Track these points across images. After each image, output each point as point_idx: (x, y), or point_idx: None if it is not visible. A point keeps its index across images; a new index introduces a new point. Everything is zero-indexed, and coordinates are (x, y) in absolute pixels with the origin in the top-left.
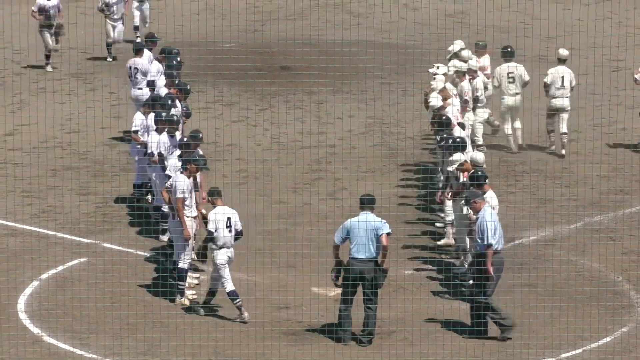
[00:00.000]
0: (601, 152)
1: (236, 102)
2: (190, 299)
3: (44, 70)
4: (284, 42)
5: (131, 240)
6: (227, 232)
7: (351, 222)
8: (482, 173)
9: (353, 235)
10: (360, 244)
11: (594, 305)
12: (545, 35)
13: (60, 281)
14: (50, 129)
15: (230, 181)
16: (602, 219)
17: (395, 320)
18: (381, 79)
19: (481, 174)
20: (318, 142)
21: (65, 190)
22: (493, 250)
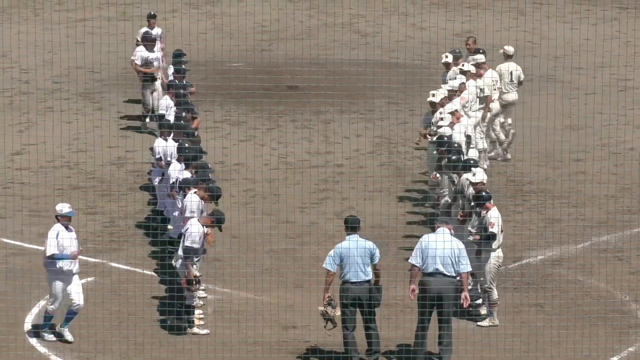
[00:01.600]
0: (609, 172)
1: (243, 122)
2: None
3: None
4: (291, 62)
5: (138, 260)
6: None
7: (342, 248)
8: (486, 193)
9: (346, 260)
10: (353, 268)
11: (602, 325)
12: (553, 55)
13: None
14: (57, 149)
15: (238, 200)
16: (610, 238)
17: (402, 340)
18: (389, 99)
19: (485, 194)
20: (325, 161)
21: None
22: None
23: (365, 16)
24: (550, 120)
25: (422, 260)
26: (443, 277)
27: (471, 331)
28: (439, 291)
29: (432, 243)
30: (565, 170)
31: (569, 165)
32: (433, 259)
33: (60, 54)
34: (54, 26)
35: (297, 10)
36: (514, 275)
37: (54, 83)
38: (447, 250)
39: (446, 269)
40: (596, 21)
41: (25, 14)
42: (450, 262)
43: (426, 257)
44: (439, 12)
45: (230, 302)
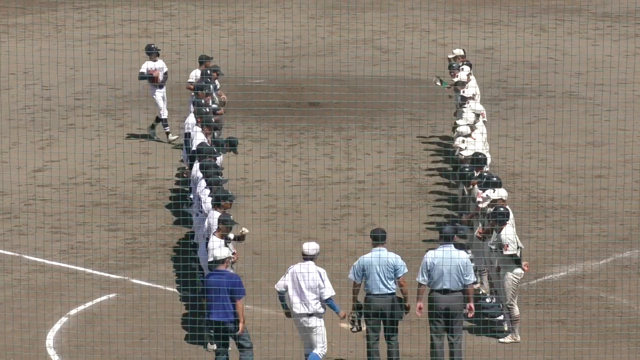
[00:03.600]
0: (631, 189)
1: (265, 138)
2: None
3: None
4: (313, 78)
5: (160, 276)
6: None
7: (365, 259)
8: (504, 209)
9: (369, 272)
10: (376, 280)
11: (624, 342)
12: (575, 71)
13: (89, 317)
14: (79, 165)
15: (260, 217)
16: (632, 254)
17: (424, 357)
18: (410, 115)
19: (504, 210)
20: (347, 178)
21: (94, 226)
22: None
23: (387, 32)
24: (572, 137)
25: (428, 278)
26: (451, 294)
27: (493, 348)
28: (447, 308)
29: (438, 260)
30: (587, 186)
31: (591, 182)
32: (440, 276)
33: (82, 71)
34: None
35: (318, 27)
36: (536, 291)
37: (75, 100)
38: (454, 267)
39: (453, 285)
40: (618, 37)
41: (47, 30)
42: (457, 278)
43: (433, 274)
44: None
45: (252, 319)
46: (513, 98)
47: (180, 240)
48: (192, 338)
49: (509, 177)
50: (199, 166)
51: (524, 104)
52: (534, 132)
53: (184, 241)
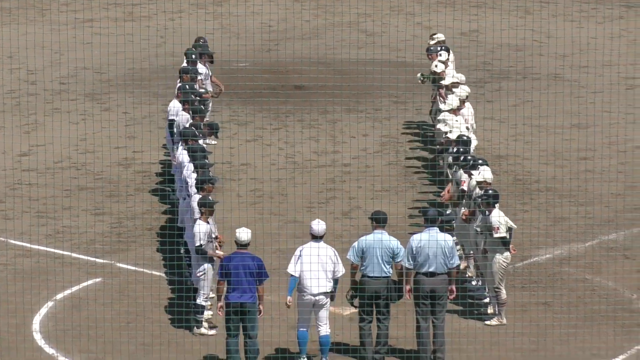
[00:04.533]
0: (616, 170)
1: (250, 122)
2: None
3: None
4: (298, 61)
5: (146, 260)
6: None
7: (366, 242)
8: (493, 191)
9: (367, 254)
10: (374, 263)
11: (609, 324)
12: (559, 54)
13: (75, 301)
14: (64, 149)
15: (245, 201)
16: (617, 236)
17: (410, 339)
18: (395, 98)
19: (492, 193)
20: (332, 161)
21: (79, 211)
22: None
23: (372, 15)
24: (557, 119)
25: (413, 261)
26: (437, 277)
27: (479, 330)
28: (432, 290)
29: (424, 243)
30: (572, 168)
31: (576, 164)
32: (425, 259)
33: (67, 55)
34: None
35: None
36: (521, 274)
37: (60, 84)
38: (439, 250)
39: (438, 268)
40: (603, 19)
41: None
42: (442, 261)
43: (418, 257)
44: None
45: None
46: (498, 80)
47: (166, 224)
48: (179, 322)
49: (494, 159)
50: (186, 150)
51: (508, 86)
52: (519, 115)
53: (170, 225)
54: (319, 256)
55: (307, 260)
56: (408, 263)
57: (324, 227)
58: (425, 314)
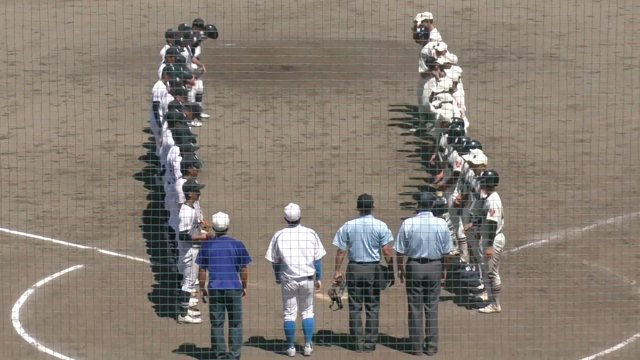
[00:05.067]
0: (614, 153)
1: (237, 103)
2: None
3: None
4: (286, 41)
5: (129, 246)
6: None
7: (349, 226)
8: (493, 173)
9: (353, 239)
10: (360, 248)
11: (608, 311)
12: (555, 33)
13: (56, 289)
14: (45, 132)
15: (232, 184)
16: (615, 221)
17: (402, 327)
18: (386, 79)
19: (492, 175)
20: (322, 143)
21: (60, 195)
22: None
23: None
24: (552, 100)
25: (406, 247)
26: (430, 262)
27: (473, 318)
28: (425, 277)
29: (416, 228)
30: (568, 151)
31: (572, 146)
32: (418, 245)
33: (47, 35)
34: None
35: None
36: (516, 259)
37: (41, 65)
38: (432, 235)
39: (432, 254)
40: None
41: None
42: (436, 246)
43: (411, 243)
44: None
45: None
46: (492, 60)
47: (150, 209)
48: (162, 309)
49: (488, 141)
50: (171, 132)
51: (503, 66)
52: (513, 96)
53: (154, 210)
54: (298, 241)
55: (287, 246)
56: (400, 248)
57: (298, 212)
58: (417, 301)
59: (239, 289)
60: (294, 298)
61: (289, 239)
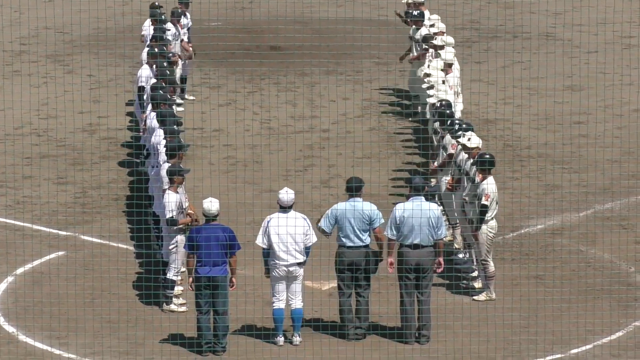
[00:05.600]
0: (612, 135)
1: (223, 85)
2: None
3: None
4: (273, 20)
5: (112, 232)
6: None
7: (339, 210)
8: (490, 156)
9: (342, 223)
10: (349, 232)
11: (605, 298)
12: (552, 11)
13: (37, 276)
14: (25, 115)
15: (218, 168)
16: (614, 206)
17: (394, 315)
18: (377, 59)
19: (489, 158)
20: (311, 126)
21: (41, 180)
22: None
23: None
24: (549, 81)
25: (397, 232)
26: (422, 249)
27: (467, 306)
28: (417, 263)
29: (408, 213)
30: (565, 133)
31: (569, 129)
32: (410, 230)
33: (27, 14)
34: None
35: None
36: (511, 245)
37: (21, 45)
38: (425, 221)
39: (424, 239)
40: None
41: None
42: (428, 232)
43: (402, 228)
44: None
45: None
46: (487, 40)
47: (133, 194)
48: (147, 298)
49: (482, 124)
50: (155, 115)
51: (498, 46)
52: (508, 76)
53: (137, 195)
54: (287, 227)
55: (276, 232)
56: (391, 234)
57: (293, 197)
58: (409, 288)
59: (226, 275)
60: (283, 284)
61: (277, 224)
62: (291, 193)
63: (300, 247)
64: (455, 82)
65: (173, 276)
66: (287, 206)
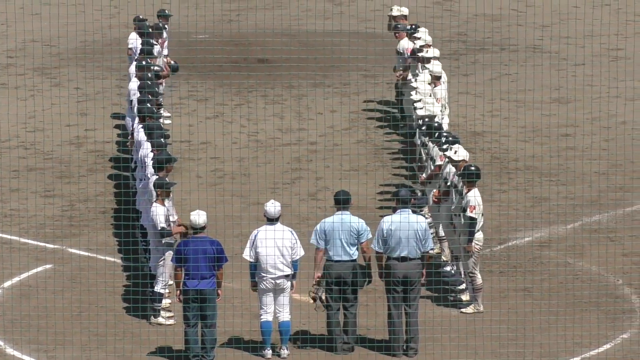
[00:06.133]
0: (599, 148)
1: (210, 97)
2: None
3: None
4: (261, 33)
5: (100, 245)
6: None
7: (326, 224)
8: (475, 168)
9: (330, 237)
10: (338, 246)
11: (593, 310)
12: (539, 24)
13: (24, 289)
14: (12, 127)
15: (205, 181)
16: (601, 218)
17: (381, 328)
18: (365, 72)
19: (475, 170)
20: (298, 139)
21: (28, 193)
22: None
23: None
24: (536, 93)
25: (384, 245)
26: (409, 261)
27: (454, 318)
28: (405, 275)
29: (395, 225)
30: (553, 146)
31: (557, 141)
32: (397, 243)
33: (14, 27)
34: None
35: None
36: (499, 258)
37: (8, 58)
38: (412, 233)
39: (411, 252)
40: None
41: None
42: (415, 244)
43: (389, 241)
44: None
45: None
46: (474, 52)
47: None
48: (134, 311)
49: (470, 136)
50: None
51: (485, 58)
52: (496, 89)
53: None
54: (275, 239)
55: (263, 245)
56: (378, 247)
57: (279, 209)
58: (397, 301)
59: (214, 288)
60: (270, 297)
61: (264, 237)
62: (277, 205)
63: (287, 260)
64: (443, 95)
65: (160, 289)
66: (273, 218)
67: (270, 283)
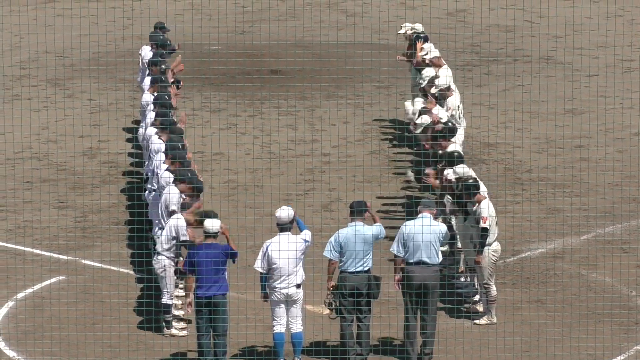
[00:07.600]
0: (613, 159)
1: (224, 109)
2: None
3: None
4: (274, 44)
5: (113, 257)
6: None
7: (340, 235)
8: (473, 182)
9: (345, 248)
10: (354, 258)
11: (607, 322)
12: (552, 35)
13: (38, 301)
14: (25, 139)
15: (219, 192)
16: (614, 229)
17: (395, 338)
18: (378, 83)
19: (472, 183)
20: (311, 150)
21: (42, 204)
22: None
23: None
24: (550, 104)
25: (403, 249)
26: (427, 266)
27: (468, 330)
28: (423, 280)
29: (417, 228)
30: (566, 157)
31: (570, 152)
32: (416, 248)
33: (27, 38)
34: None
35: None
36: (512, 269)
37: (21, 69)
38: (432, 236)
39: (430, 257)
40: None
41: None
42: (434, 249)
43: (409, 246)
44: None
45: None
46: (487, 63)
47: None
48: (148, 322)
49: (483, 147)
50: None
51: (498, 69)
52: (509, 100)
53: (138, 219)
54: (288, 251)
55: (276, 256)
56: (397, 250)
57: (288, 214)
58: (414, 305)
59: (225, 293)
60: (283, 308)
61: (277, 249)
62: (286, 210)
63: (300, 271)
64: (454, 106)
65: (167, 300)
66: (285, 224)
67: (282, 294)
